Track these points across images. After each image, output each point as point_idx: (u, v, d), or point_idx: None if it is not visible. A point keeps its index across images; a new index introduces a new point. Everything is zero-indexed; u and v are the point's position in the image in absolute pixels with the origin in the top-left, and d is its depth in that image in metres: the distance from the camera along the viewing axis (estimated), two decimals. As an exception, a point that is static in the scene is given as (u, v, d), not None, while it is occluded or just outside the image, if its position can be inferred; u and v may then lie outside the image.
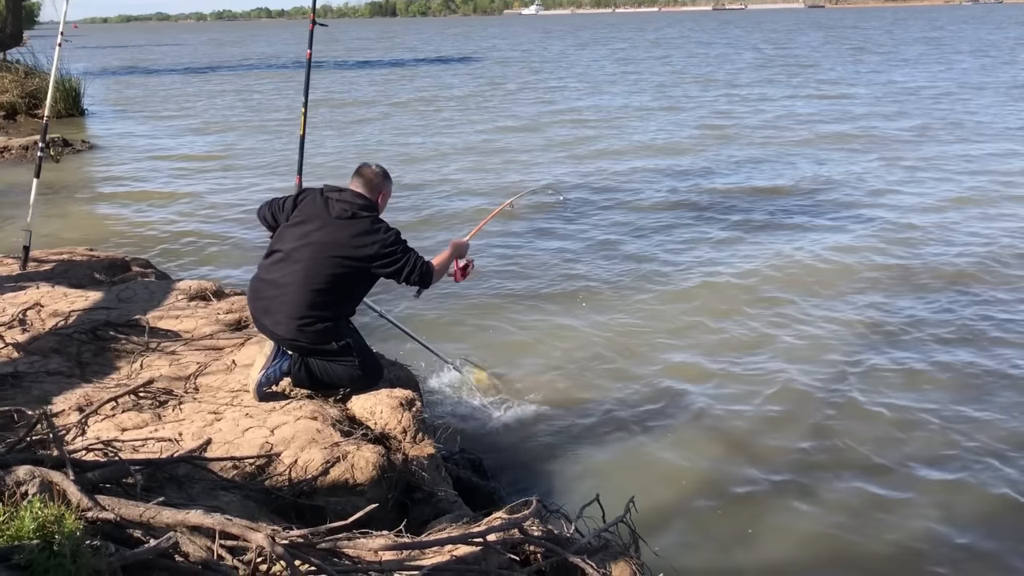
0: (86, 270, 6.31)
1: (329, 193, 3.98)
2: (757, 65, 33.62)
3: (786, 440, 4.91)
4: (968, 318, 6.66)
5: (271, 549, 2.33)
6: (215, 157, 15.32)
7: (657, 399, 5.42)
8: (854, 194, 11.00)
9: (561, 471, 4.62)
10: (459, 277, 4.29)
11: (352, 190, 3.99)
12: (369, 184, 4.01)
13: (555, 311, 7.04)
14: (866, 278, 7.64)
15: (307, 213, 3.99)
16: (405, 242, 3.98)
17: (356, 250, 3.87)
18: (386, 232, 3.92)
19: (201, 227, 10.13)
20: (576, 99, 23.16)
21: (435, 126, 18.59)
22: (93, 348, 4.52)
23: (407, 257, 3.94)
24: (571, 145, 15.46)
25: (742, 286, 7.51)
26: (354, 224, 3.89)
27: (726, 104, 21.12)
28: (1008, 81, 24.59)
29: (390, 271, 3.94)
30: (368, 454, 3.49)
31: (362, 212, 3.91)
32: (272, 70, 38.43)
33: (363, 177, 4.04)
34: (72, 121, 19.71)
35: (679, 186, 11.77)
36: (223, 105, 24.17)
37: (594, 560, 2.77)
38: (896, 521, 4.16)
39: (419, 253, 4.00)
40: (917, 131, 15.82)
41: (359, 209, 3.91)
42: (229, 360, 4.42)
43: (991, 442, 4.83)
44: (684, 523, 4.13)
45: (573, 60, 39.68)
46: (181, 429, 3.62)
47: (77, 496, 2.35)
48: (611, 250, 8.78)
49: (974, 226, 9.29)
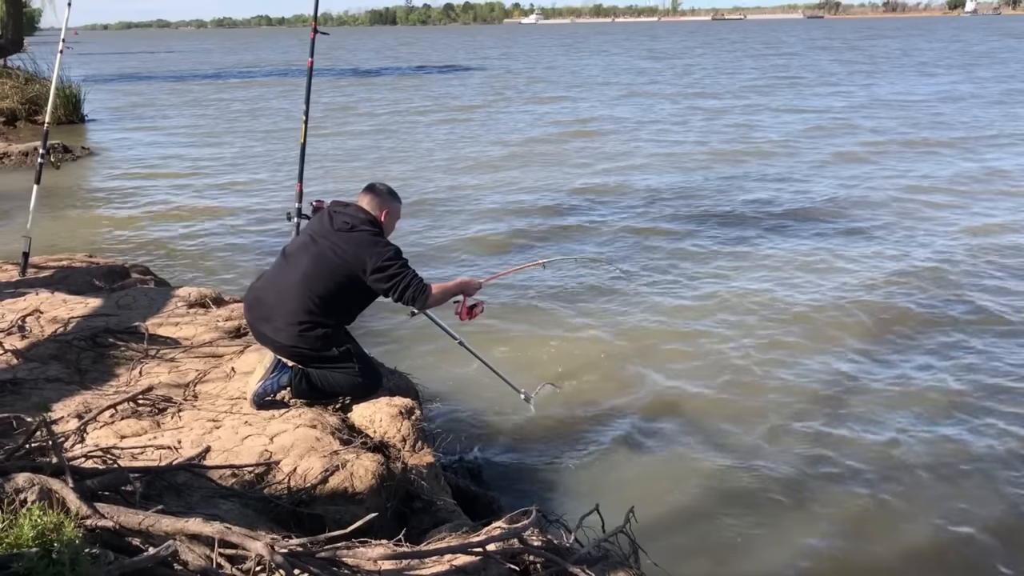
0: (85, 277, 6.30)
1: (334, 208, 4.05)
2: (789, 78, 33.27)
3: (786, 450, 4.91)
4: (968, 328, 6.67)
5: (270, 558, 2.33)
6: (216, 164, 15.34)
7: (657, 409, 5.42)
8: (868, 206, 11.00)
9: (561, 480, 4.61)
10: (464, 316, 4.17)
11: (357, 205, 4.05)
12: (374, 202, 4.06)
13: (553, 320, 7.04)
14: (876, 290, 7.62)
15: (312, 228, 4.08)
16: (405, 260, 3.95)
17: (354, 261, 3.88)
18: (385, 247, 3.93)
19: (201, 234, 10.14)
20: (593, 110, 23.15)
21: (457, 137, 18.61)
22: (92, 355, 4.51)
23: (404, 274, 3.90)
24: (588, 157, 15.43)
25: (744, 297, 7.52)
26: (353, 236, 3.92)
27: (744, 116, 21.02)
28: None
29: (386, 286, 3.90)
30: (367, 463, 3.48)
31: (362, 226, 3.94)
32: (274, 78, 38.50)
33: (369, 195, 4.09)
34: (72, 128, 19.72)
35: (687, 197, 11.78)
36: (224, 112, 24.22)
37: (594, 570, 2.76)
38: (895, 529, 4.16)
39: (418, 274, 3.96)
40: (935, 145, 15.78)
41: (360, 223, 3.94)
42: (228, 367, 4.42)
43: (990, 450, 4.83)
44: (684, 533, 4.12)
45: (588, 74, 39.69)
46: (180, 437, 3.62)
47: (76, 504, 2.34)
48: (612, 259, 8.78)
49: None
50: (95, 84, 29.46)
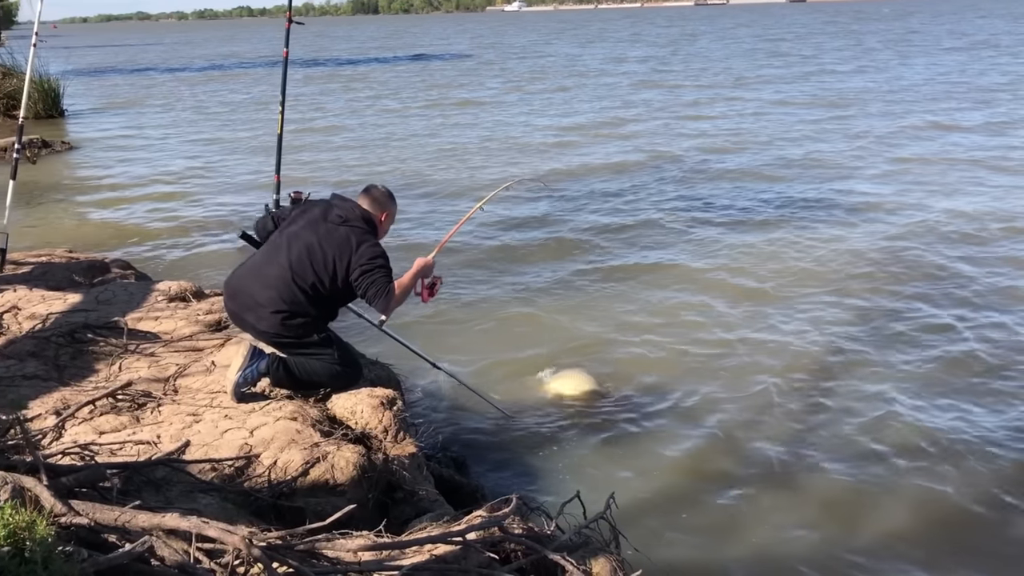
0: (65, 272, 6.26)
1: (334, 200, 4.07)
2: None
3: (766, 435, 4.93)
4: (952, 311, 6.71)
5: (248, 551, 2.32)
6: (197, 157, 15.23)
7: (638, 395, 5.43)
8: (851, 187, 11.04)
9: (544, 468, 4.62)
10: (426, 297, 4.17)
11: (357, 202, 4.06)
12: (375, 203, 4.09)
13: (534, 308, 7.03)
14: (854, 275, 7.63)
15: (306, 217, 4.06)
16: (389, 268, 3.94)
17: (339, 256, 3.88)
18: (373, 247, 3.92)
19: (182, 227, 10.06)
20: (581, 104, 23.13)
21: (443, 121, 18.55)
22: (71, 351, 4.48)
23: (381, 278, 3.88)
24: (552, 145, 15.44)
25: (725, 283, 7.52)
26: (342, 230, 3.93)
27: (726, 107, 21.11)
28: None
29: (362, 286, 3.89)
30: (348, 454, 3.47)
31: (356, 222, 3.96)
32: (255, 68, 38.21)
33: (369, 196, 4.12)
34: (52, 122, 19.54)
35: (667, 185, 11.78)
36: (205, 104, 24.03)
37: (574, 557, 2.77)
38: (875, 513, 4.18)
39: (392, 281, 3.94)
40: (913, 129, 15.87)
41: (355, 219, 3.96)
42: (209, 361, 4.40)
43: (970, 435, 4.86)
44: (664, 518, 4.13)
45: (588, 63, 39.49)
46: (159, 431, 3.60)
47: (50, 501, 2.32)
48: (592, 247, 8.78)
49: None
50: (75, 78, 29.13)
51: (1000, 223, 9.01)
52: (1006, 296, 6.96)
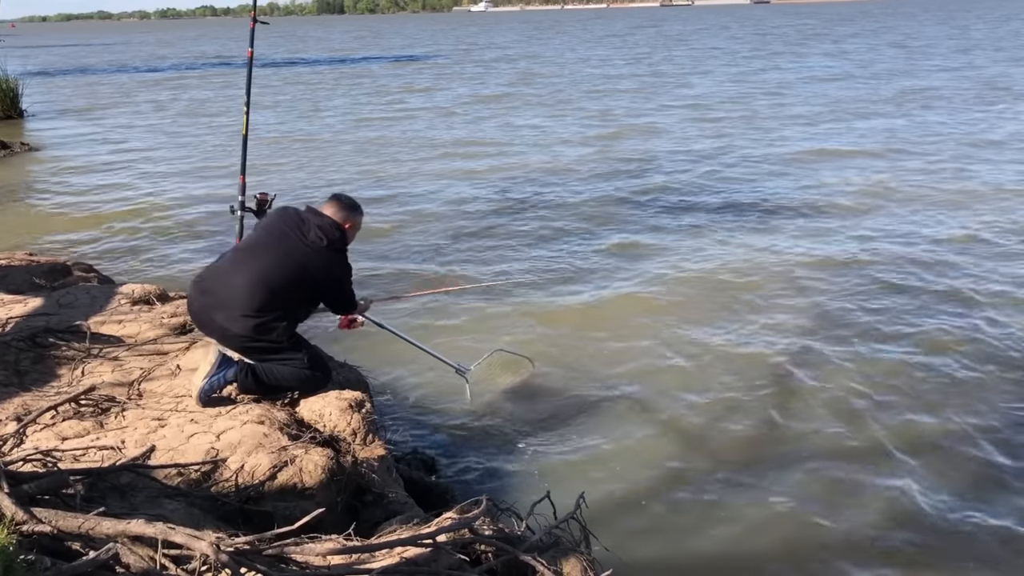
0: (25, 275, 6.15)
1: (308, 215, 4.06)
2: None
3: (735, 432, 4.97)
4: (922, 308, 6.80)
5: (215, 557, 2.30)
6: (159, 158, 15.03)
7: (606, 395, 5.45)
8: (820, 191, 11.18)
9: (514, 468, 4.62)
10: (344, 325, 4.51)
11: (331, 219, 4.08)
12: (340, 213, 4.13)
13: (503, 308, 7.03)
14: (820, 274, 7.71)
15: (279, 226, 4.05)
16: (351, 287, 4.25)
17: (321, 277, 4.00)
18: (345, 266, 4.13)
19: (145, 229, 9.91)
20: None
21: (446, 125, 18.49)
22: (32, 356, 4.41)
23: (348, 300, 4.27)
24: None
25: (693, 283, 7.57)
26: (325, 254, 3.98)
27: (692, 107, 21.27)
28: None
29: (330, 301, 4.23)
30: (317, 457, 3.45)
31: (338, 243, 4.05)
32: (218, 68, 37.83)
33: (335, 205, 4.15)
34: (11, 123, 19.19)
35: (628, 184, 11.84)
36: (167, 105, 23.73)
37: (545, 557, 2.77)
38: (846, 508, 4.23)
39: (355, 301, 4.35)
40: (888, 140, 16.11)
41: (334, 241, 4.02)
42: (174, 365, 4.34)
43: (937, 434, 4.92)
44: (635, 517, 4.15)
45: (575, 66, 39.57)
46: (124, 437, 3.55)
47: (11, 509, 2.28)
48: (562, 247, 8.80)
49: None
50: (35, 78, 28.64)
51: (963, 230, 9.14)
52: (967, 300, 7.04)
